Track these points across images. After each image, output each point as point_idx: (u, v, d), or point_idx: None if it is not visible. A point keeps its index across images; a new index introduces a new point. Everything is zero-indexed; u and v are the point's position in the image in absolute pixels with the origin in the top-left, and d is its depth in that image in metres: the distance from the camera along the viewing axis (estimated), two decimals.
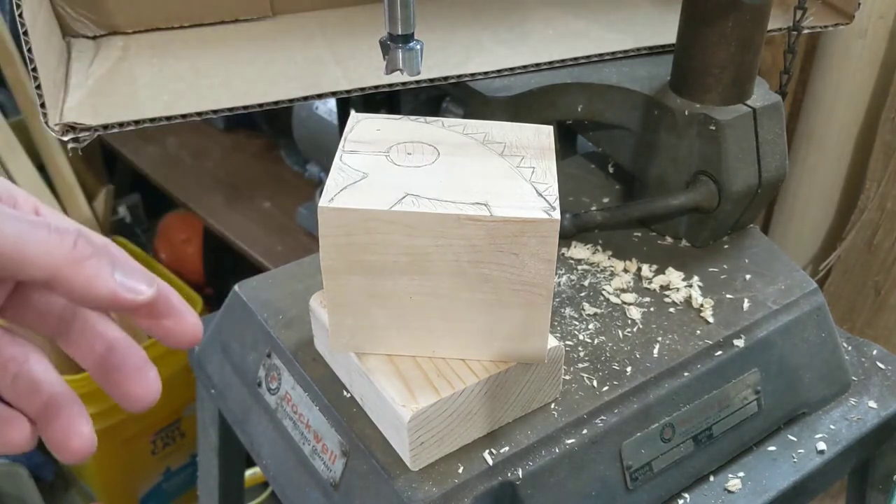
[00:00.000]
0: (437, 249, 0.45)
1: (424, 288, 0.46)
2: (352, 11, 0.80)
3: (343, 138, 0.49)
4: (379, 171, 0.46)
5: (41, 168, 1.40)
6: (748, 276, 0.65)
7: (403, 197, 0.44)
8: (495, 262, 0.45)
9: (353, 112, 0.52)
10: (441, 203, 0.44)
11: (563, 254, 0.67)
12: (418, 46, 0.50)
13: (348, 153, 0.48)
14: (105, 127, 0.57)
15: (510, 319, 0.47)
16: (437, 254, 0.45)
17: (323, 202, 0.44)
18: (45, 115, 0.56)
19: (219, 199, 1.55)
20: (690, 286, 0.64)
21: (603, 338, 0.59)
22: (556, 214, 0.44)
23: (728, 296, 0.63)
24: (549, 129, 0.51)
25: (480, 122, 0.52)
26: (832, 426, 0.63)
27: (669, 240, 0.69)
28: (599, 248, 0.68)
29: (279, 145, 1.66)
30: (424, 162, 0.48)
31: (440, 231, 0.44)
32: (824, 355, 0.64)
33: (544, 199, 0.45)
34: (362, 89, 0.65)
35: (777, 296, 0.63)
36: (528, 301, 0.47)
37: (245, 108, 0.61)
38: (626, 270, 0.65)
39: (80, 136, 0.57)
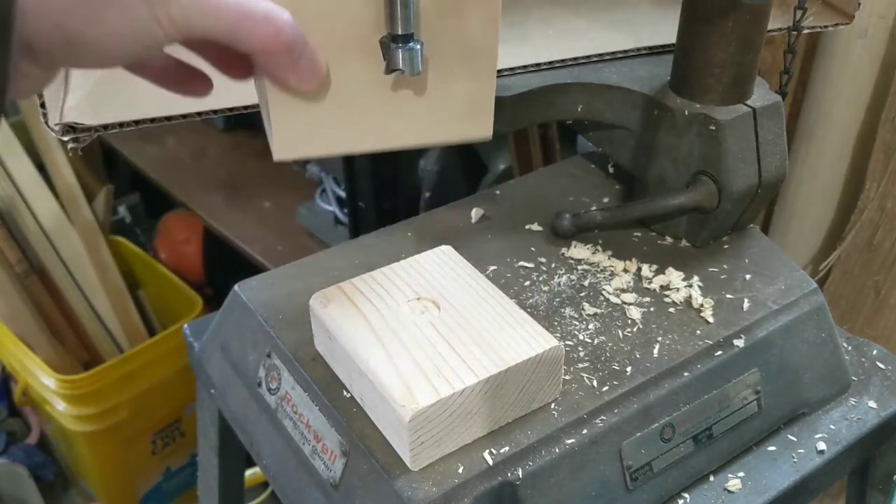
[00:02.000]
0: (383, 22, 0.43)
1: (370, 70, 0.45)
2: None
3: None
4: None
5: (41, 168, 1.40)
6: (748, 276, 0.65)
7: None
8: (442, 29, 0.44)
9: None
10: None
11: (562, 254, 0.67)
12: (418, 46, 0.50)
13: None
14: (105, 127, 0.57)
15: (457, 92, 0.46)
16: (383, 28, 0.43)
17: None
18: (45, 115, 0.56)
19: (219, 199, 1.55)
20: (690, 286, 0.64)
21: (603, 338, 0.59)
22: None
23: (728, 296, 0.63)
24: None
25: None
26: (832, 426, 0.63)
27: (669, 240, 0.69)
28: (599, 248, 0.68)
29: None
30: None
31: None
32: (824, 355, 0.64)
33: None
34: None
35: (777, 296, 0.63)
36: (475, 70, 0.45)
37: (245, 108, 0.61)
38: (626, 270, 0.65)
39: (79, 136, 0.57)
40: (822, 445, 0.61)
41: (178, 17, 0.36)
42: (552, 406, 0.54)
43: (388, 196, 1.23)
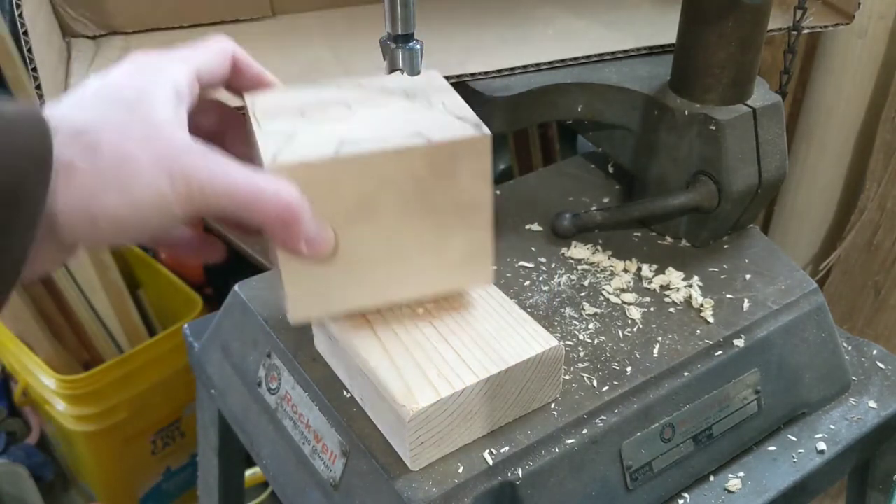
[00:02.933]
0: (384, 189, 0.45)
1: (374, 232, 0.46)
2: (352, 11, 0.80)
3: (250, 114, 0.48)
4: (305, 129, 0.46)
5: None
6: (748, 276, 0.65)
7: (341, 144, 0.44)
8: (438, 189, 0.45)
9: (245, 95, 0.49)
10: (380, 141, 0.44)
11: (562, 254, 0.67)
12: (418, 46, 0.50)
13: (266, 121, 0.47)
14: None
15: (456, 245, 0.48)
16: (384, 193, 0.45)
17: (267, 162, 0.43)
18: None
19: None
20: (690, 286, 0.64)
21: (603, 338, 0.59)
22: (486, 130, 0.45)
23: (728, 296, 0.63)
24: (436, 73, 0.52)
25: (369, 78, 0.52)
26: (832, 426, 0.63)
27: (669, 240, 0.69)
28: (599, 248, 0.68)
29: None
30: (343, 115, 0.48)
31: (386, 169, 0.44)
32: (824, 355, 0.64)
33: (468, 122, 0.46)
34: None
35: (777, 296, 0.63)
36: (471, 223, 0.47)
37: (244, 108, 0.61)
38: (626, 270, 0.65)
39: None
40: (822, 445, 0.61)
41: (195, 195, 0.38)
42: (552, 406, 0.54)
43: None
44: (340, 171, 0.44)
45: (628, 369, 0.56)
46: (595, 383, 0.55)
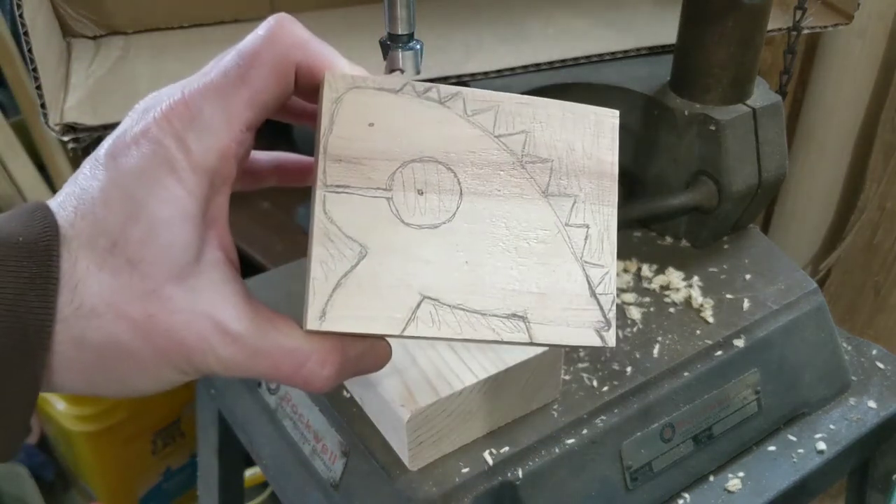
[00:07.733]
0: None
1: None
2: (352, 11, 0.80)
3: (323, 136, 0.34)
4: (381, 243, 0.34)
5: (41, 168, 1.40)
6: (748, 276, 0.65)
7: (420, 303, 0.34)
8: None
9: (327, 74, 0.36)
10: (467, 315, 0.34)
11: None
12: (418, 46, 0.50)
13: (334, 192, 0.33)
14: (105, 127, 0.57)
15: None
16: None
17: (311, 321, 0.32)
18: (45, 115, 0.56)
19: None
20: (690, 286, 0.64)
21: None
22: (611, 337, 0.36)
23: (728, 296, 0.63)
24: (613, 125, 0.42)
25: (520, 106, 0.38)
26: (832, 426, 0.63)
27: (669, 240, 0.69)
28: None
29: (279, 145, 1.66)
30: (441, 217, 0.35)
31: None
32: (824, 355, 0.64)
33: (597, 301, 0.37)
34: None
35: (777, 296, 0.63)
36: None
37: None
38: (626, 270, 0.65)
39: (80, 136, 0.57)
40: (822, 445, 0.61)
41: (203, 370, 0.34)
42: (552, 406, 0.54)
43: None
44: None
45: (628, 369, 0.56)
46: (595, 383, 0.55)
